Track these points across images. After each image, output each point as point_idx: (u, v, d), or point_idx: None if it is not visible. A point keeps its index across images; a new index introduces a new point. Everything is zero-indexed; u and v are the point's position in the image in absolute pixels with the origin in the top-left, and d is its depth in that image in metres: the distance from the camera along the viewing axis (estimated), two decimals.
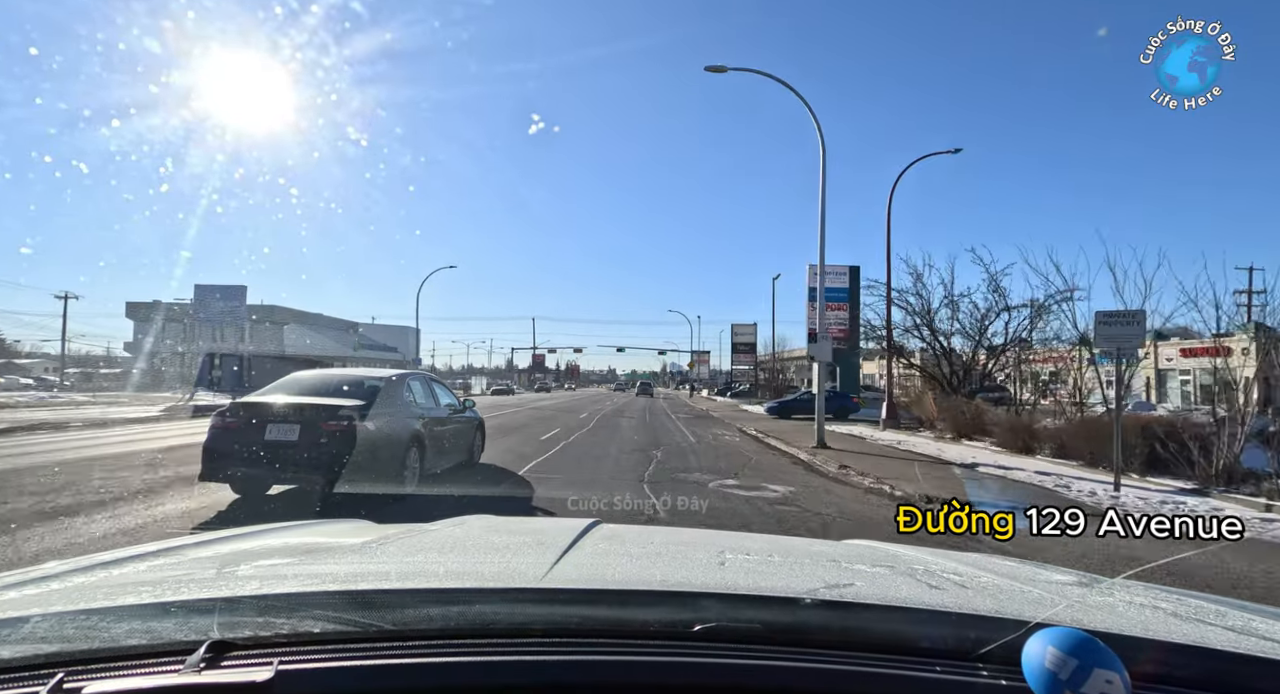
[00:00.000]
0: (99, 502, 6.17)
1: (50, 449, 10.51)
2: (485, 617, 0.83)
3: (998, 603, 0.99)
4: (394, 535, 1.46)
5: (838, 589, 0.98)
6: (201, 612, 0.82)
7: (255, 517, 5.83)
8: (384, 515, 5.00)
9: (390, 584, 0.98)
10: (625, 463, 10.55)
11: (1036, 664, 0.65)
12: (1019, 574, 1.33)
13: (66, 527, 5.20)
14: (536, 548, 1.29)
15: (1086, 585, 1.28)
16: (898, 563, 1.32)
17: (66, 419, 16.07)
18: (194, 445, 7.45)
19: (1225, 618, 1.05)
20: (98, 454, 9.88)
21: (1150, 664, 0.75)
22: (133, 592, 0.94)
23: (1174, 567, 4.79)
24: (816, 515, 6.76)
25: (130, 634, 0.78)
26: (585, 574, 1.08)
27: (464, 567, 1.18)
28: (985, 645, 0.76)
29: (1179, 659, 0.79)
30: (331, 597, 0.87)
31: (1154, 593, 1.23)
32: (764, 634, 0.81)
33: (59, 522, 5.35)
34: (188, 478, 7.19)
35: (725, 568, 1.18)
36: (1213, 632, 0.94)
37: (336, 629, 0.78)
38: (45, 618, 0.82)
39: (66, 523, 5.31)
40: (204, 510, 5.99)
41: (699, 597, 0.92)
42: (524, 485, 7.95)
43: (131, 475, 7.80)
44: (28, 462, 8.86)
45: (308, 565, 1.24)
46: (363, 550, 1.33)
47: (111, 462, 8.99)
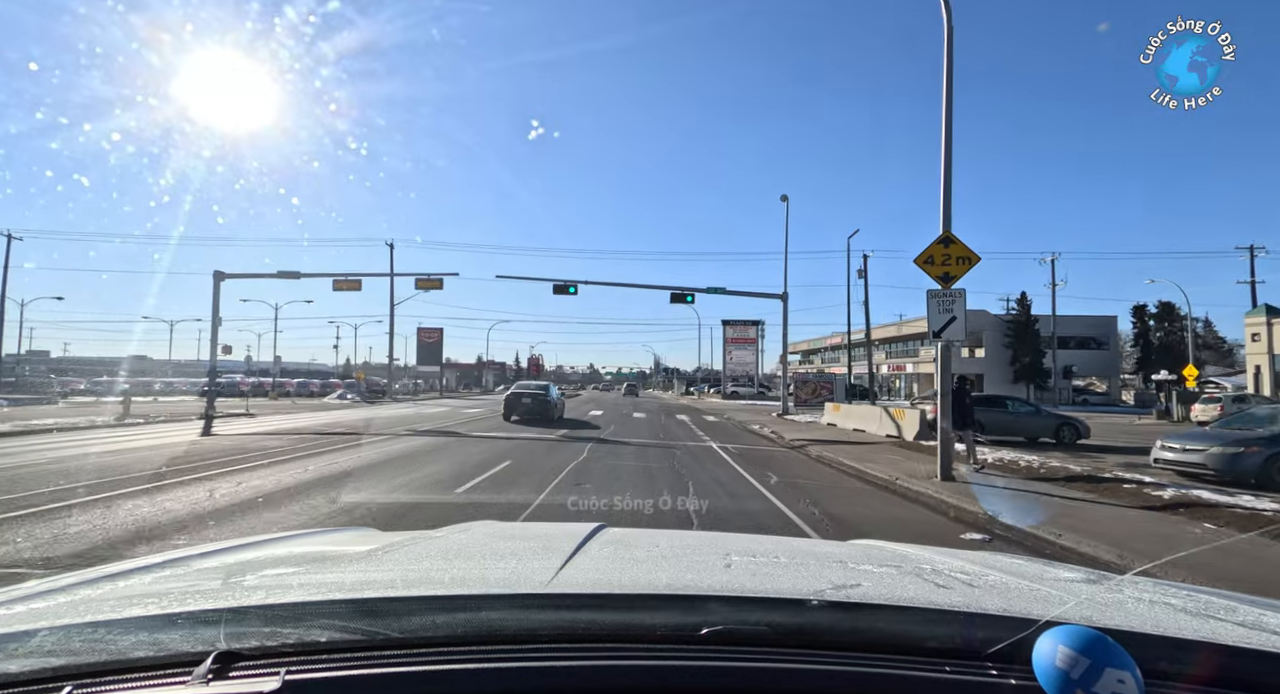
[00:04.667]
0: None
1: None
2: (492, 623, 0.83)
3: (1006, 601, 0.98)
4: (399, 543, 1.46)
5: (845, 590, 0.97)
6: (208, 623, 0.82)
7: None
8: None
9: (396, 592, 0.98)
10: None
11: (1047, 663, 0.64)
12: (1027, 572, 1.32)
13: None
14: (542, 553, 1.29)
15: (1095, 582, 1.27)
16: (904, 562, 1.32)
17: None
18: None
19: (1236, 613, 1.04)
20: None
21: (1162, 661, 0.74)
22: (139, 603, 0.94)
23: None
24: None
25: (137, 646, 0.78)
26: (591, 579, 1.08)
27: (470, 573, 1.18)
28: (995, 645, 0.76)
29: (1190, 656, 0.78)
30: (337, 606, 0.87)
31: (1163, 589, 1.22)
32: (772, 636, 0.80)
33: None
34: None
35: (731, 570, 1.18)
36: (1224, 627, 0.93)
37: (343, 638, 0.78)
38: (53, 631, 0.81)
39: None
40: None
41: (706, 600, 0.91)
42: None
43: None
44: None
45: (313, 574, 1.24)
46: (368, 558, 1.33)
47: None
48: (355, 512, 6.56)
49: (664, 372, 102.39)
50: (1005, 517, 6.63)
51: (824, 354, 77.49)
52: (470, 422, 20.67)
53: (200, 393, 39.01)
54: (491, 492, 7.80)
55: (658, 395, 67.29)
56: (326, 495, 7.41)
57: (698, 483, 8.80)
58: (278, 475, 8.89)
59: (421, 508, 6.80)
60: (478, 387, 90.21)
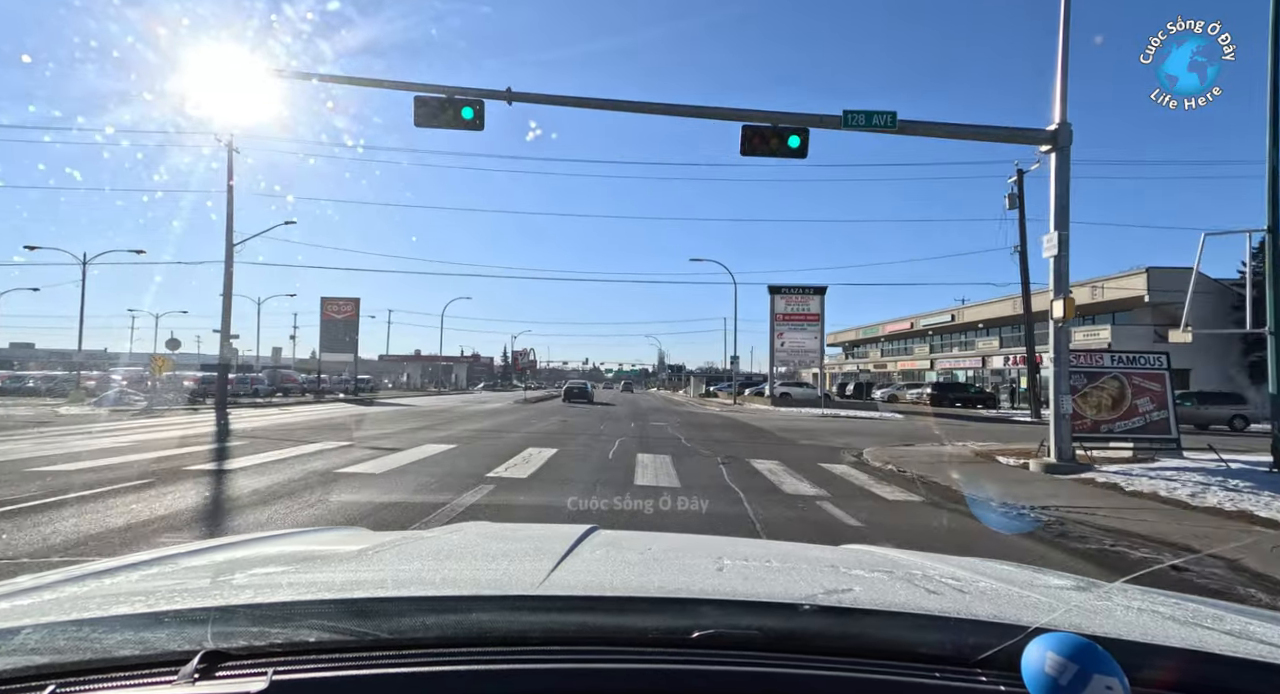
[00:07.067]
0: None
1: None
2: (482, 625, 0.82)
3: (996, 608, 0.99)
4: (390, 543, 1.46)
5: (836, 595, 0.98)
6: (195, 621, 0.81)
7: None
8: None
9: (386, 592, 0.98)
10: None
11: (1036, 670, 0.65)
12: (1017, 579, 1.33)
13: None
14: (534, 554, 1.30)
15: (1085, 590, 1.29)
16: (896, 568, 1.32)
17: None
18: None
19: (1223, 622, 1.06)
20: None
21: (1149, 669, 0.75)
22: (125, 601, 0.93)
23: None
24: None
25: (123, 645, 0.77)
26: (583, 581, 1.08)
27: (460, 574, 1.17)
28: (984, 651, 0.76)
29: (1177, 664, 0.79)
30: (326, 605, 0.87)
31: (1152, 597, 1.23)
32: (763, 640, 0.81)
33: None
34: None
35: (723, 574, 1.19)
36: (1211, 636, 0.94)
37: (332, 638, 0.78)
38: (37, 629, 0.81)
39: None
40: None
41: (697, 603, 0.91)
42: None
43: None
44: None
45: (303, 574, 1.24)
46: (358, 558, 1.33)
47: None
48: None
49: (669, 369, 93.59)
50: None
51: (880, 345, 61.02)
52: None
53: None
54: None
55: (670, 401, 49.16)
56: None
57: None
58: None
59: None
60: (445, 385, 76.99)
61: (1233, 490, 8.31)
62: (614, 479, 9.13)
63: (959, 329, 40.70)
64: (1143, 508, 7.62)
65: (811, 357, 37.18)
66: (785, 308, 37.09)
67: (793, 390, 37.67)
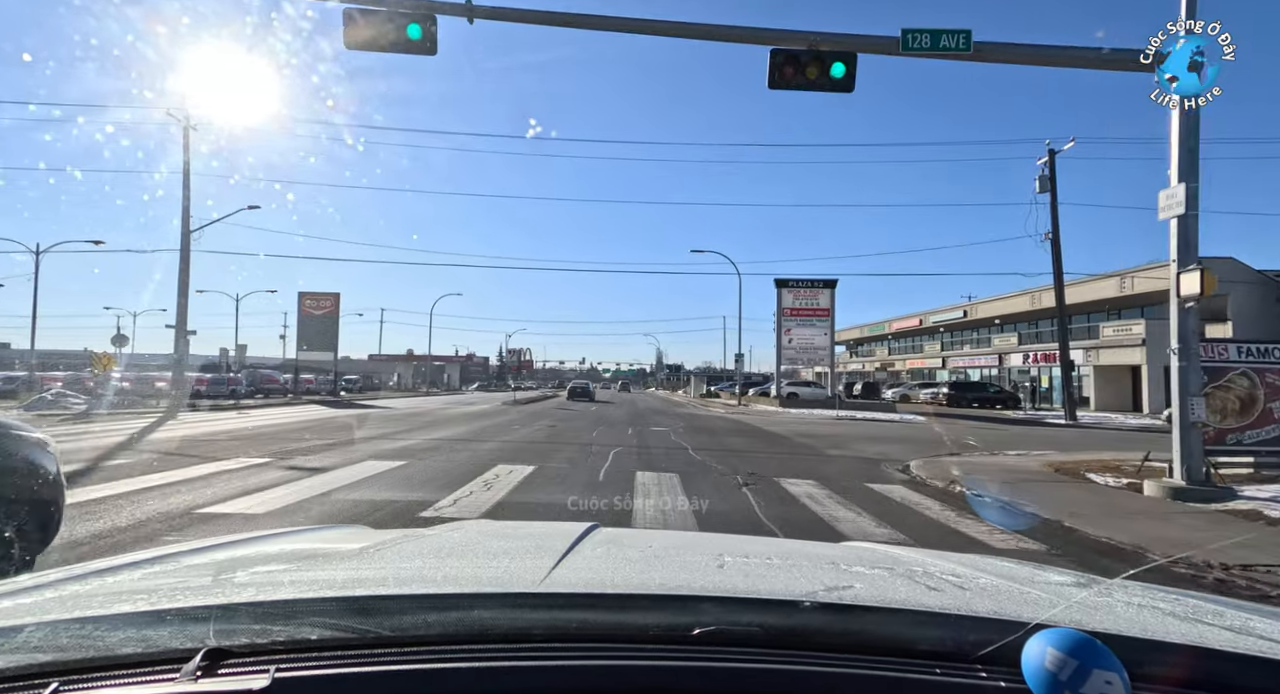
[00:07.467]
0: None
1: None
2: (483, 622, 0.83)
3: (997, 604, 0.99)
4: (391, 540, 1.46)
5: (837, 592, 0.99)
6: (197, 619, 0.82)
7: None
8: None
9: (387, 590, 0.98)
10: None
11: (1036, 665, 0.66)
12: (1017, 575, 1.34)
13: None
14: (534, 552, 1.30)
15: (1085, 586, 1.28)
16: (896, 565, 1.33)
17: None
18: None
19: (1223, 618, 1.06)
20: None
21: (1149, 664, 0.75)
22: (128, 600, 0.94)
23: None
24: None
25: (125, 643, 0.78)
26: (584, 578, 1.09)
27: (462, 571, 1.18)
28: (985, 647, 0.77)
29: (1177, 659, 0.79)
30: (328, 603, 0.88)
31: (1152, 593, 1.23)
32: (764, 637, 0.81)
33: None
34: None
35: (724, 571, 1.20)
36: (1211, 632, 0.95)
37: (334, 636, 0.79)
38: (39, 627, 0.82)
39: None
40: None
41: (698, 600, 0.92)
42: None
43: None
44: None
45: (304, 572, 1.24)
46: (360, 556, 1.32)
47: None
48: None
49: (667, 368, 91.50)
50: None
51: (888, 342, 57.95)
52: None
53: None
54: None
55: (669, 401, 46.09)
56: None
57: None
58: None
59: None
60: (438, 386, 73.24)
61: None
62: (604, 512, 6.75)
63: (972, 326, 38.35)
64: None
65: (821, 354, 34.95)
66: (793, 302, 35.01)
67: (800, 390, 35.44)
